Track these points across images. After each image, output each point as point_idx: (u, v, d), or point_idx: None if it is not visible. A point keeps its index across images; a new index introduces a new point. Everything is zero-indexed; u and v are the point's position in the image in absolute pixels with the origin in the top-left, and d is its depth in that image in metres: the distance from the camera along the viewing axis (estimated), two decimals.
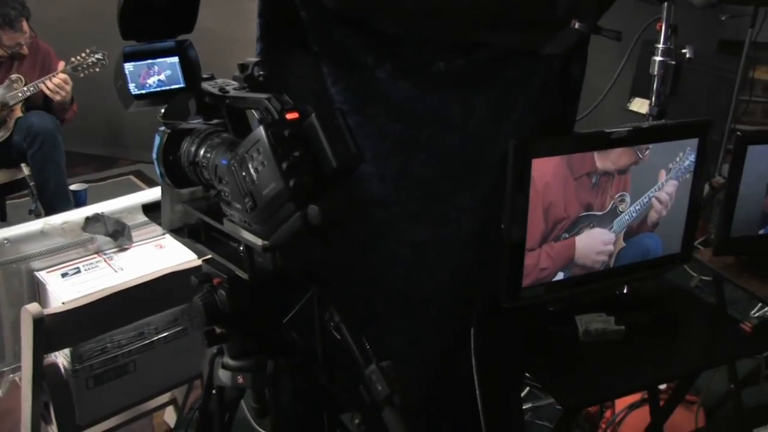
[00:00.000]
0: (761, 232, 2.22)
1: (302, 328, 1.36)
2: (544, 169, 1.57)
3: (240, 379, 1.29)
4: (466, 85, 1.52)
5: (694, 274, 3.53)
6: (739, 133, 2.21)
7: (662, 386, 2.21)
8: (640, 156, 1.72)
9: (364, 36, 1.48)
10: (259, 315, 1.27)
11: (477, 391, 1.53)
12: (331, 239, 1.11)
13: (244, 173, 1.04)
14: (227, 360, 1.30)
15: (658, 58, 2.02)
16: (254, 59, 1.15)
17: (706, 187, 3.60)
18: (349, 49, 1.49)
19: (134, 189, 4.35)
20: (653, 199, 1.80)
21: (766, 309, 2.23)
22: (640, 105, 2.15)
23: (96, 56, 3.41)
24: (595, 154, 1.65)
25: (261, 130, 1.00)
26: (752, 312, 3.11)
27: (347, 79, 1.49)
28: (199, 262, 1.68)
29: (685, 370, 1.84)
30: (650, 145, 1.73)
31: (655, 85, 2.05)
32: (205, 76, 1.22)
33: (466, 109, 1.53)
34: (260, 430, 2.22)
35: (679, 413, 2.17)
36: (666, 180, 1.80)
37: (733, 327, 1.87)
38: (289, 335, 1.37)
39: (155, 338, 1.86)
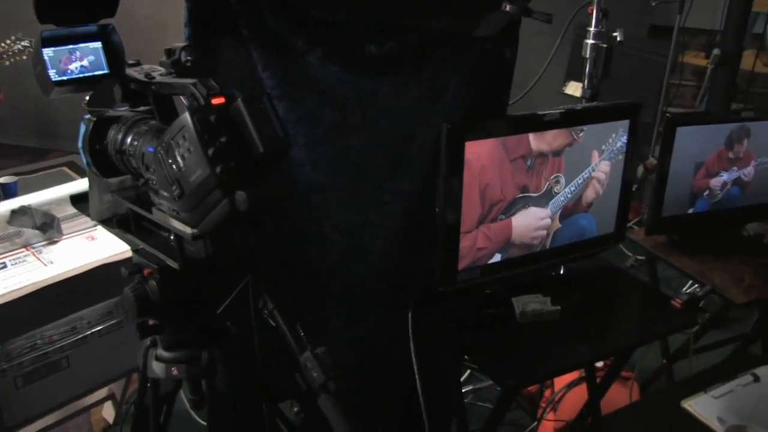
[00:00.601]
0: (690, 211, 2.28)
1: (237, 317, 1.34)
2: (480, 152, 1.58)
3: (174, 371, 1.27)
4: (398, 68, 1.51)
5: (630, 254, 3.62)
6: (668, 115, 2.26)
7: (599, 364, 2.26)
8: (575, 137, 1.74)
9: (294, 20, 1.46)
10: (192, 305, 1.25)
11: (416, 375, 1.54)
12: (264, 225, 1.10)
13: (170, 160, 1.01)
14: (161, 352, 1.28)
15: (589, 42, 2.05)
16: (181, 44, 1.13)
17: (641, 169, 3.69)
18: (279, 33, 1.47)
19: (67, 181, 4.21)
20: (587, 179, 1.83)
21: (696, 285, 2.30)
22: (574, 88, 2.18)
23: (22, 44, 3.29)
24: (531, 136, 1.66)
25: (186, 115, 0.98)
26: (684, 288, 3.20)
27: (277, 64, 1.47)
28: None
29: (619, 348, 1.88)
30: (584, 127, 1.76)
31: (587, 68, 2.09)
32: (130, 62, 1.19)
33: (398, 92, 1.53)
34: (201, 421, 2.19)
35: (615, 389, 2.22)
36: (599, 161, 1.83)
37: (665, 304, 1.92)
38: (224, 324, 1.35)
39: (88, 332, 1.81)
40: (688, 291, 3.19)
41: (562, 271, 2.01)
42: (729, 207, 2.34)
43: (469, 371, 2.58)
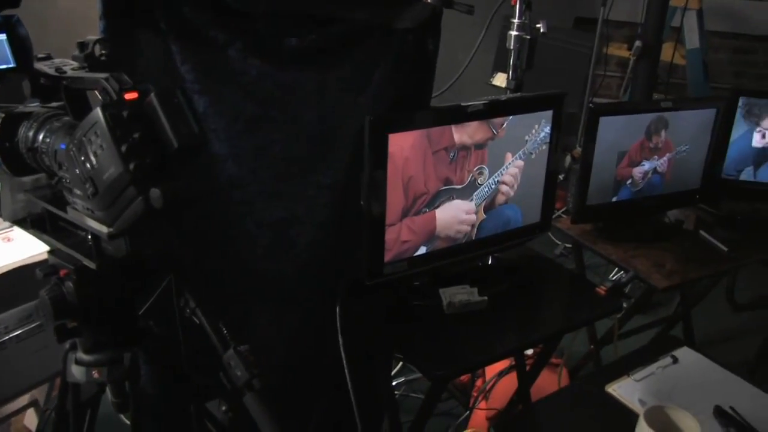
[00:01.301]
0: (614, 199, 2.33)
1: (161, 316, 1.32)
2: (403, 144, 1.58)
3: (95, 374, 1.24)
4: (320, 60, 1.50)
5: (558, 242, 3.69)
6: (591, 105, 2.30)
7: (529, 351, 2.30)
8: (495, 132, 1.76)
9: (213, 12, 1.43)
10: (112, 305, 1.22)
11: (346, 369, 1.53)
12: (185, 222, 1.08)
13: (83, 158, 0.99)
14: (81, 355, 1.24)
15: (513, 33, 2.08)
16: (94, 37, 1.10)
17: (568, 158, 3.76)
18: (199, 26, 1.44)
19: None
20: (511, 170, 1.85)
21: (622, 272, 2.37)
22: (501, 80, 2.21)
23: None
24: (453, 129, 1.67)
25: (98, 111, 0.96)
26: (611, 275, 3.28)
27: (197, 58, 1.43)
28: None
29: (546, 336, 1.91)
30: (508, 117, 1.78)
31: (511, 59, 2.12)
32: (40, 55, 1.15)
33: (320, 84, 1.52)
34: (129, 423, 2.14)
35: (545, 375, 2.27)
36: (523, 152, 1.86)
37: (590, 291, 1.96)
38: (147, 324, 1.33)
39: (6, 338, 1.75)
40: (614, 277, 3.27)
41: (489, 262, 2.04)
42: (650, 195, 2.41)
43: (401, 363, 2.59)
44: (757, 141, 2.51)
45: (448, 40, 1.92)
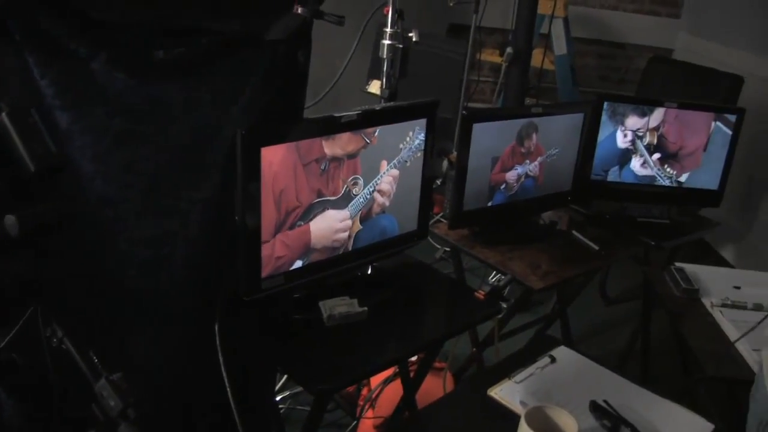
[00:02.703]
0: (490, 203, 2.39)
1: (24, 348, 1.24)
2: (273, 159, 1.56)
3: None
4: (189, 73, 1.45)
5: (438, 246, 3.75)
6: (464, 112, 2.35)
7: (414, 358, 2.32)
8: (368, 141, 1.76)
9: (75, 23, 1.36)
10: None
11: (227, 387, 1.49)
12: (53, 244, 1.02)
13: None
14: None
15: (386, 42, 2.09)
16: None
17: (445, 163, 3.82)
18: (59, 37, 1.36)
19: None
20: (386, 179, 1.86)
21: (500, 274, 2.43)
22: (377, 87, 2.22)
23: None
24: (323, 141, 1.66)
25: None
26: (490, 278, 3.36)
27: (58, 72, 1.35)
28: None
29: (427, 342, 1.93)
30: (379, 127, 1.78)
31: (384, 68, 2.13)
32: None
33: (189, 98, 1.47)
34: None
35: (430, 380, 2.29)
36: (398, 160, 1.87)
37: (470, 295, 1.99)
38: (9, 357, 1.24)
39: None
40: (493, 279, 3.35)
41: (369, 272, 2.04)
42: (525, 198, 2.48)
43: (286, 376, 2.56)
44: (620, 141, 2.63)
45: (325, 48, 1.90)
